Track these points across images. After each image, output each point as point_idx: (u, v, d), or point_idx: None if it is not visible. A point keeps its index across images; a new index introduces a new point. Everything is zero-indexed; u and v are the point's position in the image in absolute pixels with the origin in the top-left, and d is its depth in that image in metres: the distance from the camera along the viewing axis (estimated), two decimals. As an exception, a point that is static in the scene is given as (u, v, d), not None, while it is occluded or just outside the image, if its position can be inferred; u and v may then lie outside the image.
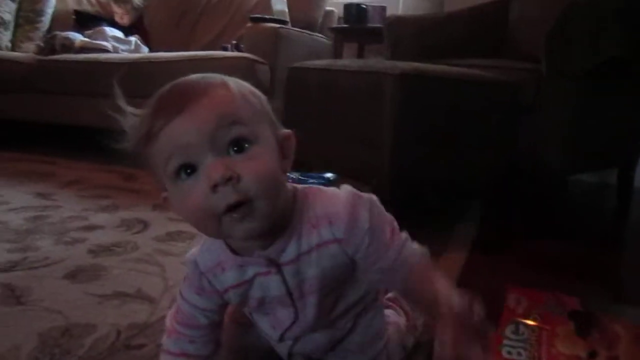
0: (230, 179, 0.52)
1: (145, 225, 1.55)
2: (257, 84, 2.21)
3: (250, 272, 0.64)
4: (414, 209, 1.65)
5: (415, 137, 1.47)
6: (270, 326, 0.71)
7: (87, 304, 1.02)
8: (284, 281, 0.64)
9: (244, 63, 2.13)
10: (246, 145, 0.54)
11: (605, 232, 1.79)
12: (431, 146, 1.52)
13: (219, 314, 0.70)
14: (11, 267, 1.21)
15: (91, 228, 1.51)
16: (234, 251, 0.63)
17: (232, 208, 0.53)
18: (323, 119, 1.67)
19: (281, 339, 0.71)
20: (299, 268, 0.63)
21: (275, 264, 0.62)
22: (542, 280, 1.24)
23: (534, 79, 1.72)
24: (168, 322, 0.70)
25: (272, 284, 0.64)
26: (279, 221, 0.60)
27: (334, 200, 0.63)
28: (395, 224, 0.66)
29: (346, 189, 0.64)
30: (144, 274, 1.17)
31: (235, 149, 0.54)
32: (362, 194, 0.64)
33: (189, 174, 0.54)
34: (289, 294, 0.65)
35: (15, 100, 2.77)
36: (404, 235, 0.67)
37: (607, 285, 1.27)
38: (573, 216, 1.97)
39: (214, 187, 0.52)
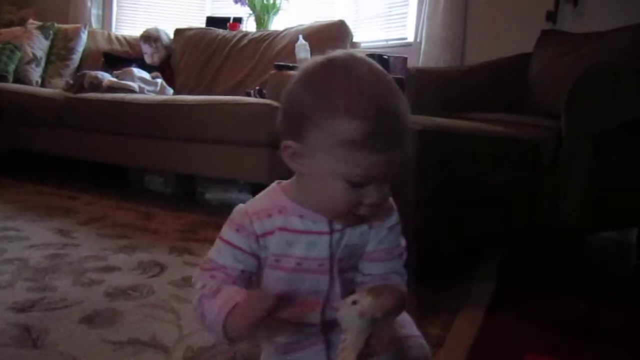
0: (378, 204, 0.66)
1: (161, 268, 1.56)
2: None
3: (304, 226, 0.70)
4: (432, 262, 1.64)
5: (435, 192, 1.47)
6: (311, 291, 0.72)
7: (102, 350, 1.03)
8: (330, 245, 0.70)
9: (267, 109, 2.16)
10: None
11: (627, 292, 1.75)
12: (451, 200, 1.52)
13: (245, 264, 0.71)
14: (29, 307, 1.22)
15: (109, 269, 1.52)
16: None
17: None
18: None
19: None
20: (341, 237, 0.71)
21: (329, 227, 0.70)
22: (561, 342, 1.22)
23: (554, 136, 1.73)
24: (195, 280, 0.73)
25: (320, 244, 0.70)
26: None
27: None
28: (404, 257, 0.78)
29: None
30: (159, 321, 1.18)
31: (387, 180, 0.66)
32: None
33: (359, 184, 0.64)
34: (331, 258, 0.70)
35: (44, 135, 2.84)
36: (404, 271, 0.77)
37: (631, 351, 1.24)
38: (593, 274, 1.94)
39: (369, 205, 0.65)
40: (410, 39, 3.18)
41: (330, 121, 0.61)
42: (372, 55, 2.82)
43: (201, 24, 3.61)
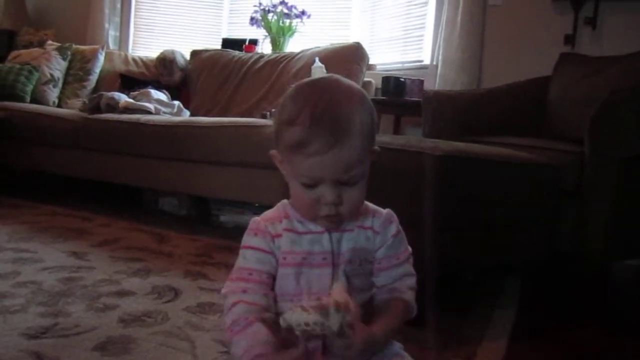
0: (335, 204, 0.72)
1: (176, 293, 1.53)
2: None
3: (304, 227, 0.78)
4: (453, 289, 1.60)
5: (455, 217, 1.44)
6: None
7: (116, 381, 1.00)
8: (331, 240, 0.77)
9: (283, 131, 2.15)
10: (355, 182, 0.72)
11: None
12: (471, 226, 1.49)
13: (269, 265, 0.77)
14: (42, 333, 1.20)
15: (122, 294, 1.50)
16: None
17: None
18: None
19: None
20: (341, 238, 0.78)
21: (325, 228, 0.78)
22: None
23: (576, 161, 1.70)
24: (226, 292, 0.78)
25: (322, 241, 0.77)
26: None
27: (380, 209, 0.83)
28: (412, 260, 0.85)
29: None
30: (173, 350, 1.15)
31: (347, 183, 0.72)
32: None
33: (310, 185, 0.72)
34: (333, 253, 0.77)
35: (59, 155, 2.85)
36: (413, 271, 0.84)
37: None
38: (616, 303, 1.88)
39: (325, 204, 0.72)
40: (427, 61, 3.17)
41: (280, 129, 0.73)
42: (388, 78, 2.82)
43: (217, 45, 3.63)
